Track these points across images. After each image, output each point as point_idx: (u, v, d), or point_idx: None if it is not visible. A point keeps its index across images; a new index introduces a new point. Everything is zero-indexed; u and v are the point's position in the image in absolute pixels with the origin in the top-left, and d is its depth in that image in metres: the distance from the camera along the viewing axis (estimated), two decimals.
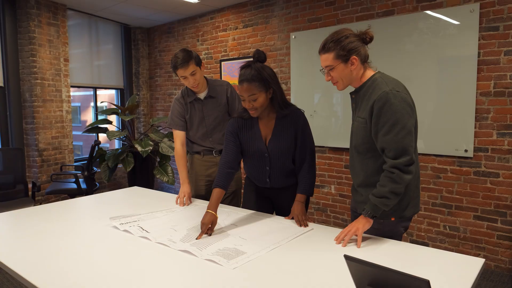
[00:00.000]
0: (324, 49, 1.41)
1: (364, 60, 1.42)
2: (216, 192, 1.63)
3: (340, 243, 1.38)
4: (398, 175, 1.32)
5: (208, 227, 1.49)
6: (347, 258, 1.03)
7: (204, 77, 2.14)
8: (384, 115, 1.33)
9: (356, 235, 1.37)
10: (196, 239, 1.44)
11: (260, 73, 1.58)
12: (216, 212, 1.56)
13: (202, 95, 2.12)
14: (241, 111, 1.77)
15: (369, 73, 1.43)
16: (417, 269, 1.18)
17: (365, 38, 1.40)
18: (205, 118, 2.14)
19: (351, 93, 1.51)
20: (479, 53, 2.73)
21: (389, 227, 1.45)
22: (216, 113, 2.13)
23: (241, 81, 1.60)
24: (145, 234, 1.50)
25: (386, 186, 1.34)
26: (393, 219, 1.43)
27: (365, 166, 1.46)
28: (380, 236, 1.45)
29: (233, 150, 1.74)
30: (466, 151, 2.85)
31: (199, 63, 2.01)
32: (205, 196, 2.20)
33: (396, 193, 1.34)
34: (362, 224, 1.37)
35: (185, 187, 2.06)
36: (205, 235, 1.49)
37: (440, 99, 2.93)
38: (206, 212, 1.54)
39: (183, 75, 1.98)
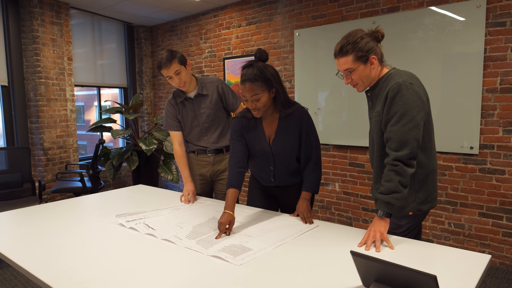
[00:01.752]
0: (341, 52, 1.40)
1: (381, 59, 1.43)
2: (231, 193, 1.63)
3: (369, 248, 1.32)
4: (401, 168, 1.32)
5: (226, 226, 1.48)
6: (354, 254, 1.03)
7: (194, 75, 2.13)
8: (394, 105, 1.34)
9: (383, 239, 1.34)
10: (216, 238, 1.43)
11: (262, 72, 1.57)
12: (233, 212, 1.56)
13: (192, 94, 2.12)
14: (244, 110, 1.76)
15: (385, 71, 1.45)
16: (422, 265, 1.17)
17: (378, 37, 1.41)
18: (198, 116, 2.14)
19: (366, 92, 1.51)
20: (485, 49, 2.71)
21: (407, 222, 1.45)
22: (209, 110, 2.13)
23: (243, 81, 1.59)
24: (151, 231, 1.50)
25: (393, 181, 1.33)
26: (410, 213, 1.44)
27: (380, 163, 1.47)
28: (397, 232, 1.46)
29: (241, 149, 1.73)
30: (471, 148, 2.83)
31: (183, 62, 2.00)
32: (200, 195, 2.22)
33: (404, 185, 1.33)
34: (383, 226, 1.33)
35: (188, 186, 2.06)
36: (224, 234, 1.48)
37: (445, 96, 2.91)
38: (224, 212, 1.54)
39: (168, 75, 1.98)
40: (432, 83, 2.95)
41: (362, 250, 1.30)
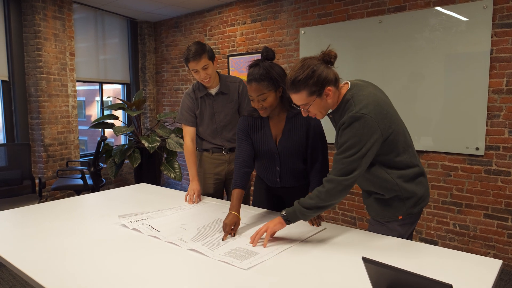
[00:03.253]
0: (293, 89, 1.34)
1: (336, 83, 1.36)
2: (237, 193, 1.61)
3: (255, 244, 1.37)
4: (334, 189, 1.31)
5: (231, 227, 1.47)
6: (365, 260, 1.01)
7: (217, 72, 2.09)
8: (344, 136, 1.31)
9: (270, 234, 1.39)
10: (222, 239, 1.42)
11: (269, 72, 1.54)
12: (238, 213, 1.55)
13: (213, 91, 2.08)
14: (251, 109, 1.74)
15: (343, 92, 1.39)
16: (432, 270, 1.16)
17: (330, 60, 1.35)
18: (215, 114, 2.10)
19: (328, 114, 1.47)
20: (491, 50, 2.68)
21: (400, 224, 1.43)
22: (227, 110, 2.09)
23: (249, 80, 1.56)
24: (154, 233, 1.48)
25: (313, 200, 1.34)
26: (400, 217, 1.42)
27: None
28: (392, 235, 1.44)
29: (247, 149, 1.71)
30: (477, 149, 2.81)
31: (212, 57, 1.97)
32: (213, 195, 2.17)
33: (320, 209, 1.34)
34: (274, 224, 1.39)
35: (194, 184, 2.03)
36: (229, 235, 1.47)
37: (451, 96, 2.88)
38: (229, 213, 1.53)
39: (195, 68, 1.94)
40: (438, 83, 2.93)
41: (368, 254, 1.27)
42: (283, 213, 1.39)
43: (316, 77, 1.31)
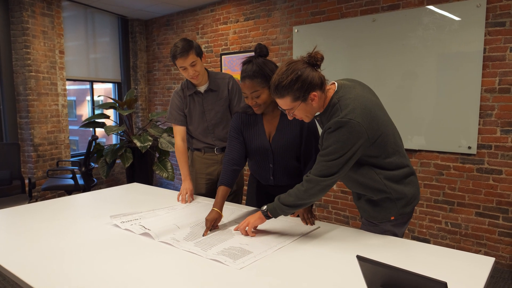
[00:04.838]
0: (277, 94, 1.32)
1: (322, 87, 1.33)
2: (221, 190, 1.61)
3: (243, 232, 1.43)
4: (315, 187, 1.32)
5: (212, 223, 1.48)
6: (360, 258, 1.00)
7: (206, 69, 2.06)
8: (329, 139, 1.30)
9: (253, 228, 1.44)
10: (203, 235, 1.43)
11: (262, 68, 1.53)
12: (221, 210, 1.56)
13: (202, 88, 2.05)
14: (245, 106, 1.72)
15: (330, 94, 1.37)
16: (427, 268, 1.15)
17: (316, 62, 1.32)
18: (206, 112, 2.07)
19: (315, 117, 1.46)
20: (484, 49, 2.70)
21: (393, 224, 1.43)
22: (217, 107, 2.06)
23: (242, 77, 1.55)
24: (147, 232, 1.45)
25: (291, 197, 1.36)
26: (392, 218, 1.41)
27: (347, 177, 1.47)
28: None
29: (237, 147, 1.70)
30: (469, 148, 2.83)
31: (200, 53, 1.94)
32: (206, 195, 2.15)
33: (299, 206, 1.37)
34: (254, 219, 1.42)
35: (186, 184, 2.00)
36: (209, 231, 1.47)
37: (444, 95, 2.90)
38: (212, 209, 1.55)
39: (182, 66, 1.91)
40: (431, 82, 2.94)
41: (362, 253, 1.26)
42: (264, 208, 1.41)
43: (300, 82, 1.28)
